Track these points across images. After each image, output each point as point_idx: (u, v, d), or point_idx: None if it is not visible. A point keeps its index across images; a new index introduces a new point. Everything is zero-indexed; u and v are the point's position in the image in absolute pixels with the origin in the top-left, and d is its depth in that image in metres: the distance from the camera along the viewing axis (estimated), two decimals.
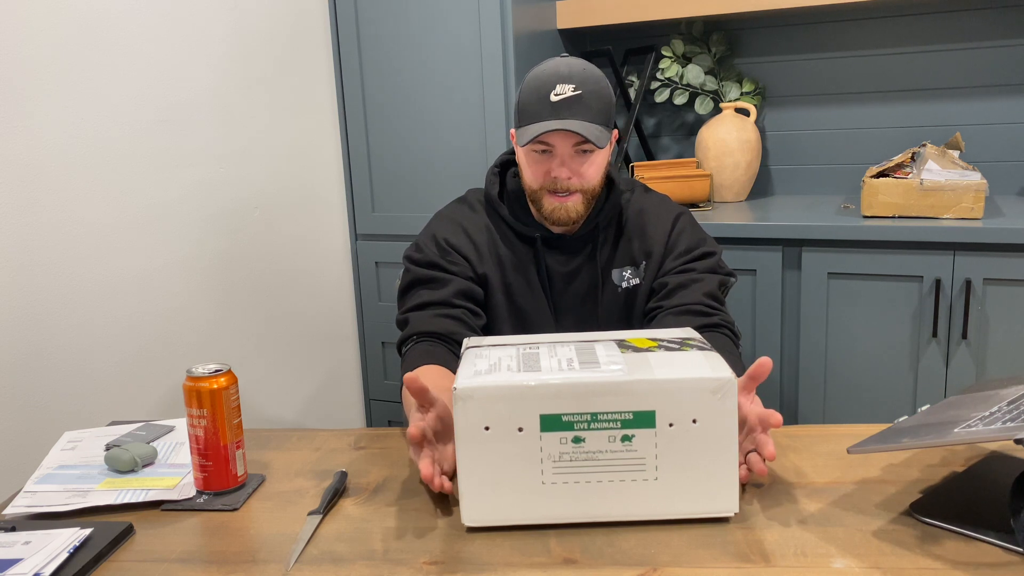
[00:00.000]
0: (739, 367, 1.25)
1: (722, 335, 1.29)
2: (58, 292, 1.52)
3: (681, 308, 1.31)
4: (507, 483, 0.89)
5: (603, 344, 0.98)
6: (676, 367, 0.91)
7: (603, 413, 0.88)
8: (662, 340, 1.00)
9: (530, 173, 1.31)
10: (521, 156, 1.33)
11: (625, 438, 0.89)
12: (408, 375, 0.94)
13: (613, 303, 1.39)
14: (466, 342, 1.03)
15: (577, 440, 0.88)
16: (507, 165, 1.45)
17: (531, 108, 1.26)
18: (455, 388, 0.87)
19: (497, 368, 0.91)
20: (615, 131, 1.32)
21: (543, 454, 0.88)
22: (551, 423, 0.88)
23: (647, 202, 1.42)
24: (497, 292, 1.38)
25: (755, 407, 0.96)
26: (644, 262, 1.39)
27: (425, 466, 0.93)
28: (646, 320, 1.38)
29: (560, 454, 0.89)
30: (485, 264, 1.37)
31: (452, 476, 0.98)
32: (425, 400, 0.97)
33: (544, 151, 1.28)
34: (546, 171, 1.29)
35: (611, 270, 1.39)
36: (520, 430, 0.88)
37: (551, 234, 1.37)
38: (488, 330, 1.39)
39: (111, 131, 1.62)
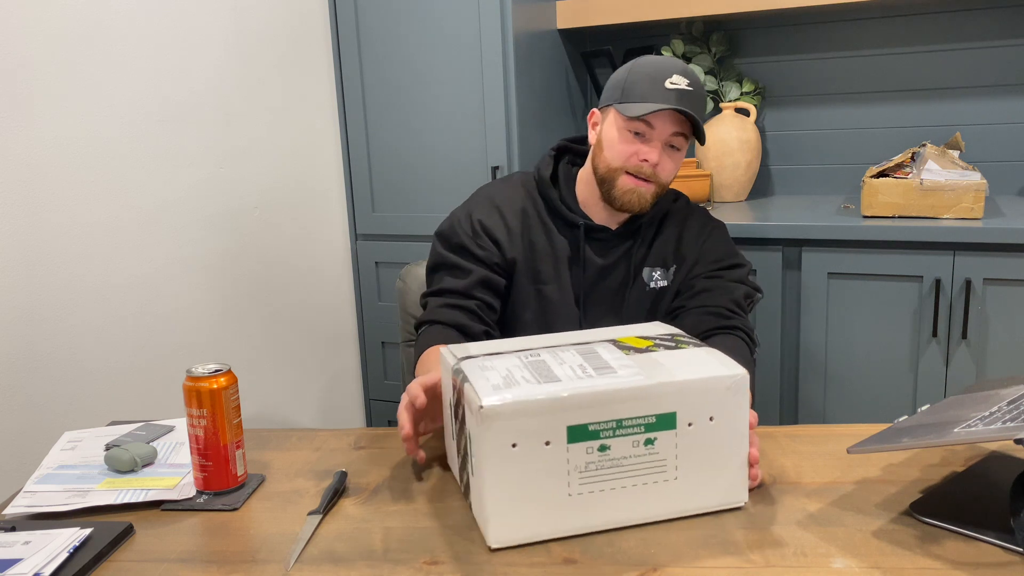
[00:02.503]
0: (750, 376, 1.25)
1: (738, 338, 1.29)
2: (58, 292, 1.52)
3: (703, 309, 1.32)
4: (534, 499, 0.87)
5: (601, 346, 0.97)
6: (690, 367, 0.91)
7: (628, 419, 0.87)
8: (654, 338, 1.00)
9: (618, 150, 1.31)
10: (611, 132, 1.32)
11: (648, 441, 0.89)
12: (416, 391, 0.99)
13: (640, 301, 1.40)
14: (451, 353, 0.99)
15: (603, 448, 0.87)
16: (563, 151, 1.45)
17: (642, 88, 1.28)
18: (481, 407, 0.83)
19: (512, 381, 0.88)
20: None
21: (570, 466, 0.87)
22: (578, 434, 0.86)
23: (689, 210, 1.44)
24: (523, 278, 1.39)
25: None
26: (675, 266, 1.40)
27: (407, 425, 1.00)
28: (667, 319, 1.39)
29: (586, 464, 0.87)
30: (515, 248, 1.38)
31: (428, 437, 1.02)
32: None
33: (638, 133, 1.29)
34: (635, 152, 1.30)
35: (643, 268, 1.40)
36: (547, 444, 0.86)
37: (595, 225, 1.38)
38: (510, 316, 1.40)
39: (111, 131, 1.62)
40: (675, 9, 2.23)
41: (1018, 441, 0.78)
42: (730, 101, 2.37)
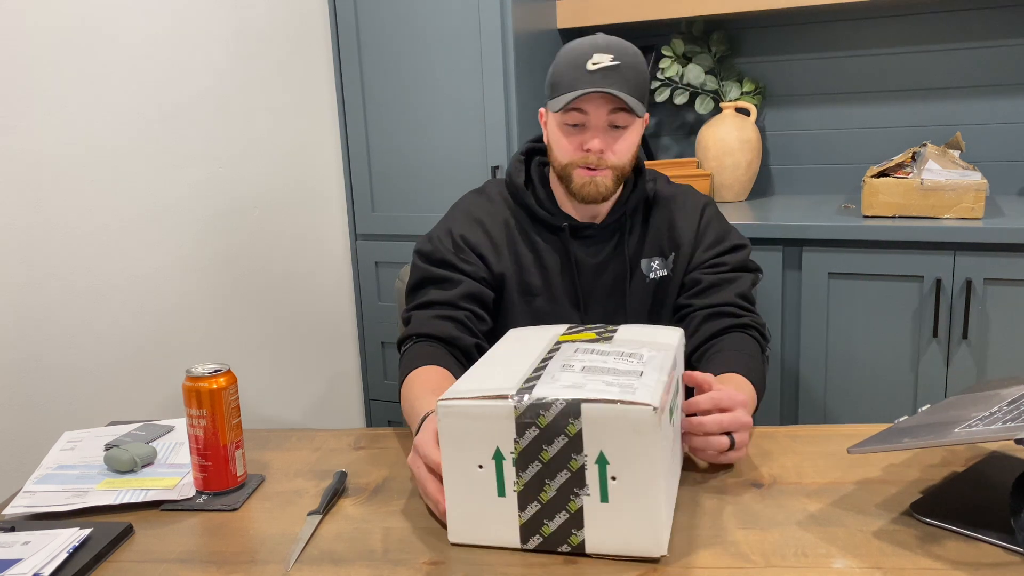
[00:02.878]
0: (758, 372, 1.21)
1: (750, 336, 1.27)
2: (58, 292, 1.52)
3: (712, 310, 1.29)
4: (669, 490, 0.85)
5: (571, 347, 0.95)
6: (656, 335, 0.98)
7: (675, 388, 0.92)
8: (588, 329, 1.01)
9: (562, 146, 1.27)
10: (552, 130, 1.29)
11: (677, 406, 0.94)
12: (437, 456, 0.88)
13: (642, 294, 1.36)
14: (492, 398, 0.83)
15: (673, 421, 0.90)
16: (532, 153, 1.40)
17: (566, 78, 1.23)
18: (655, 408, 0.77)
19: (618, 382, 0.83)
20: (647, 113, 1.28)
21: (670, 444, 0.87)
22: (669, 412, 0.87)
23: (672, 191, 1.40)
24: (513, 292, 1.34)
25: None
26: (673, 253, 1.36)
27: (442, 493, 0.88)
28: (675, 316, 1.36)
29: (672, 439, 0.89)
30: (502, 262, 1.33)
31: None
32: None
33: (576, 124, 1.25)
34: (579, 143, 1.25)
35: (639, 260, 1.36)
36: (663, 429, 0.84)
37: (579, 223, 1.33)
38: (501, 331, 1.33)
39: (111, 131, 1.62)
40: (675, 9, 2.23)
41: (1018, 441, 0.78)
42: (730, 101, 2.37)
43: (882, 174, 2.03)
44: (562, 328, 1.04)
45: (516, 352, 0.96)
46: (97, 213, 1.59)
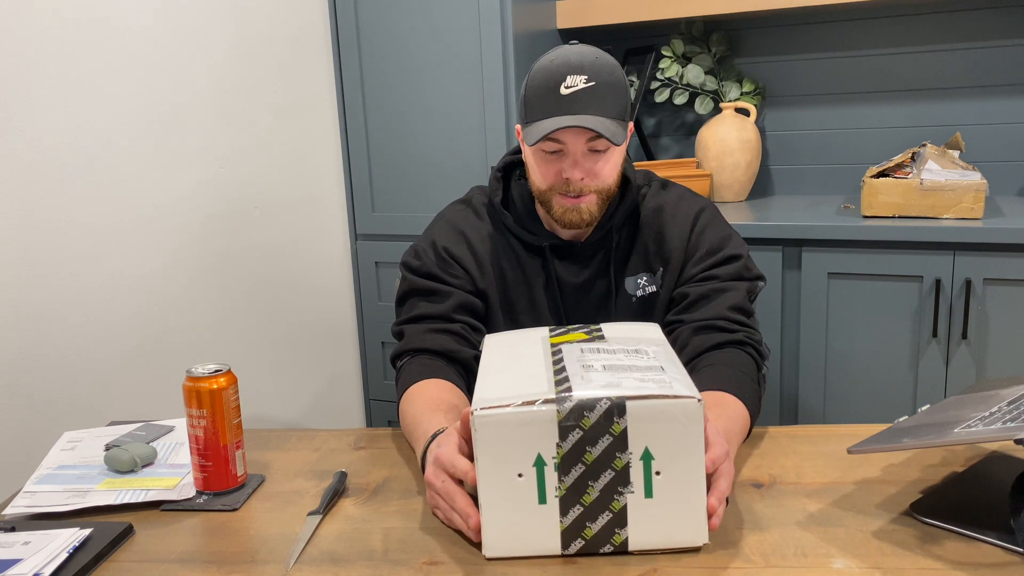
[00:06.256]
0: (752, 392, 1.12)
1: (746, 354, 1.18)
2: (58, 292, 1.52)
3: (702, 323, 1.20)
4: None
5: (574, 346, 0.93)
6: (638, 328, 0.99)
7: None
8: (576, 329, 1.00)
9: (539, 174, 1.21)
10: (529, 156, 1.23)
11: None
12: (465, 466, 0.86)
13: (626, 314, 1.29)
14: (533, 404, 0.81)
15: None
16: (511, 167, 1.33)
17: (539, 103, 1.15)
18: (699, 400, 0.79)
19: (653, 376, 0.83)
20: (631, 124, 1.21)
21: None
22: None
23: (665, 199, 1.31)
24: (496, 310, 1.29)
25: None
26: (661, 269, 1.28)
27: (476, 513, 0.85)
28: (665, 334, 1.29)
29: None
30: (486, 279, 1.29)
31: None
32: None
33: (554, 151, 1.18)
34: (557, 171, 1.19)
35: (624, 278, 1.29)
36: None
37: (561, 242, 1.28)
38: None
39: (111, 131, 1.62)
40: (675, 9, 2.23)
41: (1018, 441, 0.78)
42: (730, 101, 2.37)
43: (882, 174, 2.03)
44: (544, 330, 1.01)
45: (516, 358, 0.93)
46: (97, 213, 1.59)
